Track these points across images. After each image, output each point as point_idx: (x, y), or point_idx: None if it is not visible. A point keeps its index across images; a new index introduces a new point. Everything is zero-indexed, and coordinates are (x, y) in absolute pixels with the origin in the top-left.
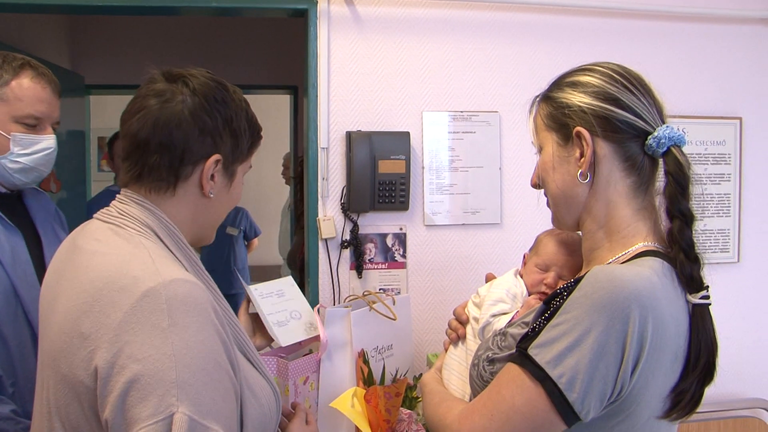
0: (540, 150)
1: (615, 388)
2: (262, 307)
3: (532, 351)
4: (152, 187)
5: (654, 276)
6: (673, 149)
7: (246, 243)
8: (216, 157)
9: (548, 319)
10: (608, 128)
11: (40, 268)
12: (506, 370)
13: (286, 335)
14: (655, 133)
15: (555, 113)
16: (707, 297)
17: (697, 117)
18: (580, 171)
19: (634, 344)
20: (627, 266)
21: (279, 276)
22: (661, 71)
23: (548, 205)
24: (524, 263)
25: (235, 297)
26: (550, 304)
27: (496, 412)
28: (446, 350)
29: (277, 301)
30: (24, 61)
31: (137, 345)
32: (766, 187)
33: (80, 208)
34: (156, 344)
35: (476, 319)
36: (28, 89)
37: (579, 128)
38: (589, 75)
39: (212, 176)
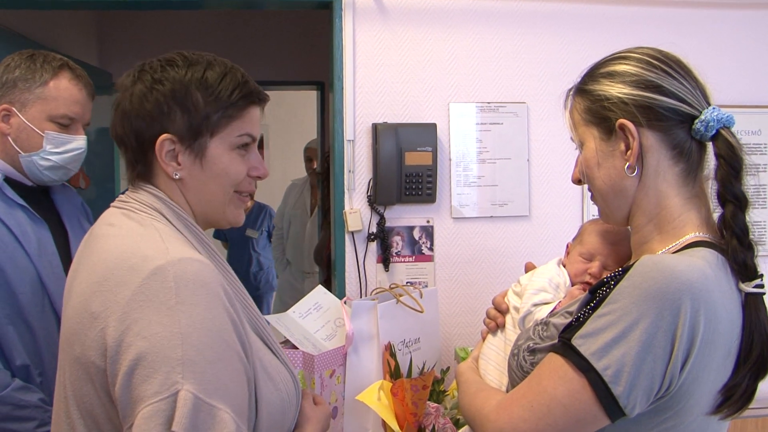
0: (581, 146)
1: (663, 383)
2: (306, 327)
3: (576, 341)
4: (141, 177)
5: (707, 268)
6: (722, 131)
7: (271, 243)
8: (163, 136)
9: (594, 309)
10: (652, 117)
11: (67, 260)
12: (548, 361)
13: (337, 344)
14: (702, 117)
15: (593, 107)
16: (761, 286)
17: (731, 106)
18: (627, 164)
19: (685, 338)
20: (678, 256)
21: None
22: (691, 59)
23: (593, 200)
24: (567, 252)
25: (258, 298)
26: (596, 293)
27: (536, 403)
28: (484, 339)
29: (318, 316)
30: (63, 62)
31: (145, 323)
32: None
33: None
34: (163, 322)
35: (517, 309)
36: (65, 90)
37: (622, 120)
38: (624, 63)
39: (177, 156)
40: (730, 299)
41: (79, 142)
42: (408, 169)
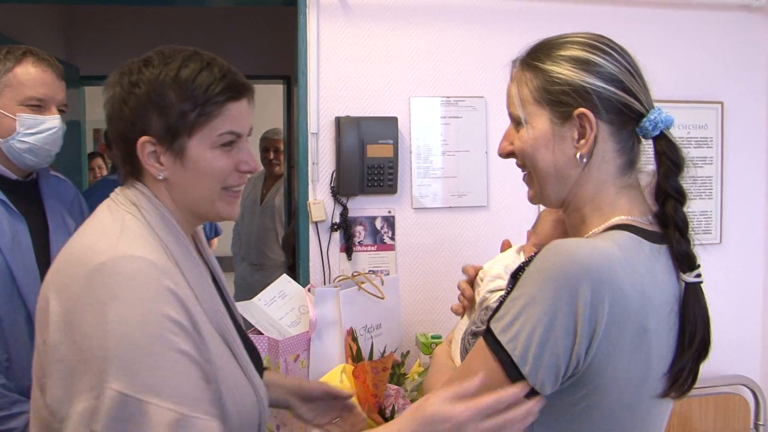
0: (525, 123)
1: (570, 363)
2: (271, 315)
3: (493, 324)
4: (131, 176)
5: (616, 250)
6: (664, 131)
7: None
8: (143, 139)
9: (509, 293)
10: (611, 111)
11: (44, 254)
12: (476, 344)
13: (301, 330)
14: (651, 116)
15: (552, 89)
16: (700, 275)
17: (680, 101)
18: (579, 154)
19: (587, 319)
20: (584, 240)
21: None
22: (643, 56)
23: (526, 180)
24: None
25: None
26: (516, 277)
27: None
28: (459, 315)
29: (283, 303)
30: (26, 49)
31: (81, 319)
32: (747, 169)
33: None
34: (95, 320)
35: (479, 294)
36: (30, 74)
37: (583, 110)
38: (587, 51)
39: (159, 157)
40: (643, 279)
41: (52, 122)
42: (370, 161)
